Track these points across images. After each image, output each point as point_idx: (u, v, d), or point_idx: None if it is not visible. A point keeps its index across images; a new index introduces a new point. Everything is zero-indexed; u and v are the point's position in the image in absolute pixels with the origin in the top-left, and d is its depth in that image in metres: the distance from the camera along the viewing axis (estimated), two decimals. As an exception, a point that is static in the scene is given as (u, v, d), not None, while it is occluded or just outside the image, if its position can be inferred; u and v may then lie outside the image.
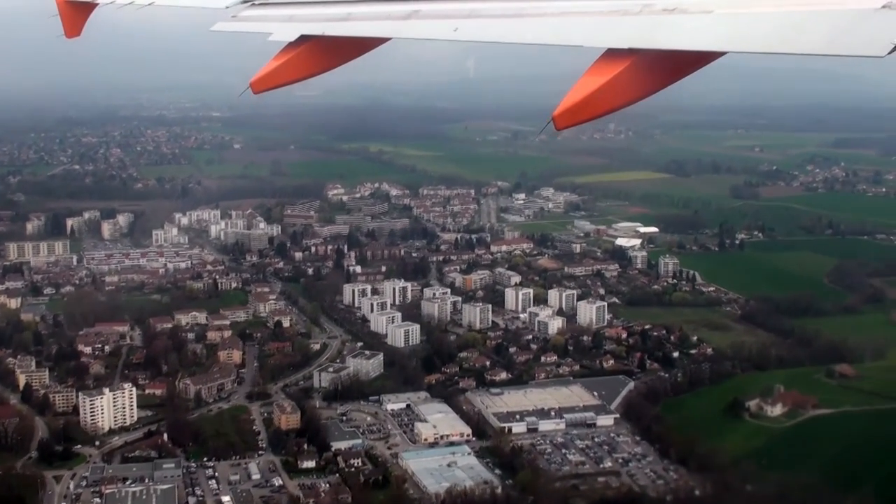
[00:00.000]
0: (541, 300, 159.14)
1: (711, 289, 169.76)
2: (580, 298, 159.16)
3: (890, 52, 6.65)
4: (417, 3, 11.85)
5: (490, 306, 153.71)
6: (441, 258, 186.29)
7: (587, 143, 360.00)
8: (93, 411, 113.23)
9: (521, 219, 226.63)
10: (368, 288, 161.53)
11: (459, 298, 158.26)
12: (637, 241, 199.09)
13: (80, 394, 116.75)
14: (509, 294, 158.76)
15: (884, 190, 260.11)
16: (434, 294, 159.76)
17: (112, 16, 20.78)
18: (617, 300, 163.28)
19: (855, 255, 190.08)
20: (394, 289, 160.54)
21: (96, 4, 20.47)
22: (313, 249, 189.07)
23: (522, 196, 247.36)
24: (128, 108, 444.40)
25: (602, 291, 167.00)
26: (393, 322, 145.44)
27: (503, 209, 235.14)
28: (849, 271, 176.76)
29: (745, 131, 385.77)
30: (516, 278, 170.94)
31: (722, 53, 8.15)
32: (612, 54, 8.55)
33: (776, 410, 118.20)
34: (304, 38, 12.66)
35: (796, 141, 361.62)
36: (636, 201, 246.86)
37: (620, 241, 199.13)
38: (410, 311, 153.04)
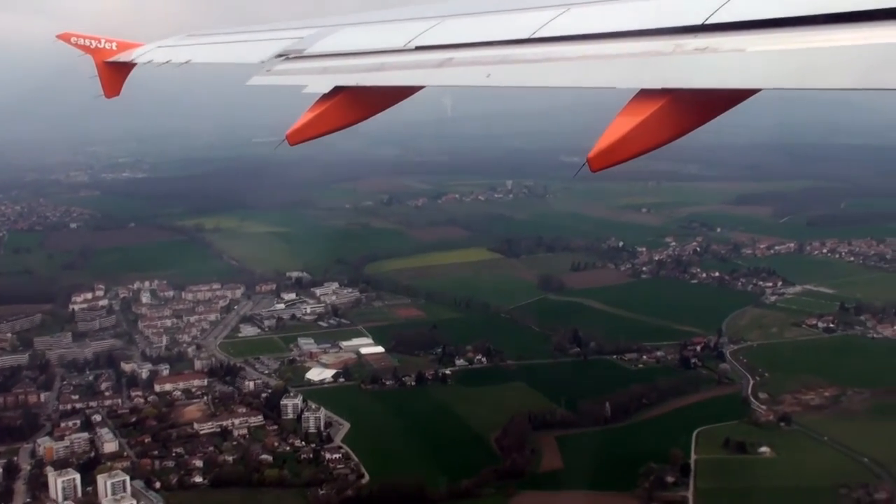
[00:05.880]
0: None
1: (337, 456, 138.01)
2: (151, 480, 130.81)
3: None
4: (450, 51, 11.79)
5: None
6: (79, 406, 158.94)
7: (469, 206, 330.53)
8: None
9: (256, 332, 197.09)
10: None
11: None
12: (329, 374, 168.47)
13: None
14: (51, 480, 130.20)
15: (717, 274, 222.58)
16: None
17: (153, 74, 20.24)
18: (202, 480, 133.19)
19: (577, 390, 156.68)
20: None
21: (134, 65, 21.42)
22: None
23: (293, 296, 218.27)
24: (44, 170, 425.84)
25: (200, 464, 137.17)
26: None
27: (248, 318, 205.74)
28: (522, 424, 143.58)
29: (657, 183, 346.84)
30: (112, 445, 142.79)
31: (755, 91, 8.14)
32: (645, 95, 8.59)
33: None
34: (338, 90, 12.72)
35: (704, 195, 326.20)
36: (421, 299, 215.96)
37: (312, 374, 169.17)
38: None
